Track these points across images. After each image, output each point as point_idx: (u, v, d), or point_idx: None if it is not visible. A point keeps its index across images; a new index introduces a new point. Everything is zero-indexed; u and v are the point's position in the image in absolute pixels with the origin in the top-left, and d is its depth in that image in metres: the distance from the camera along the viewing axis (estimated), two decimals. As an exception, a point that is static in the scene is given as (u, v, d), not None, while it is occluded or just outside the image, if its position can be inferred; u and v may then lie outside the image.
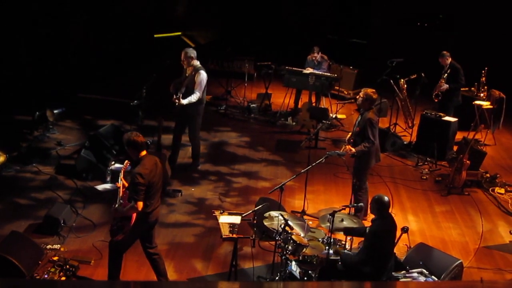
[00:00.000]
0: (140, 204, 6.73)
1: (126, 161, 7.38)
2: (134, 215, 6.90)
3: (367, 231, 7.11)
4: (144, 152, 6.89)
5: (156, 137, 9.67)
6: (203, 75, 9.75)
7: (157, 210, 7.07)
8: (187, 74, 9.86)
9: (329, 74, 13.07)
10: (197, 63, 9.82)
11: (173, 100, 9.63)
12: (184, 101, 9.62)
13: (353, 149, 8.65)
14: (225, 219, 7.40)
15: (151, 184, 6.80)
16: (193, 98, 9.70)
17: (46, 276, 7.31)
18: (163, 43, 17.23)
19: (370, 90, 8.70)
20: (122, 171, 7.25)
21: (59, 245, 8.00)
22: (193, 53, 9.79)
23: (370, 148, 8.62)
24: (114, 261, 7.06)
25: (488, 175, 10.70)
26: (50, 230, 8.27)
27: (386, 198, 7.03)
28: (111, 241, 7.07)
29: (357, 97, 8.92)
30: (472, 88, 12.84)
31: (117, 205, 7.02)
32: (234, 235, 7.18)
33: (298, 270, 7.04)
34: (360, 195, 8.80)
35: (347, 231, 7.43)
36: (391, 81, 11.99)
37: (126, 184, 7.15)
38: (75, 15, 14.88)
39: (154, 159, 7.01)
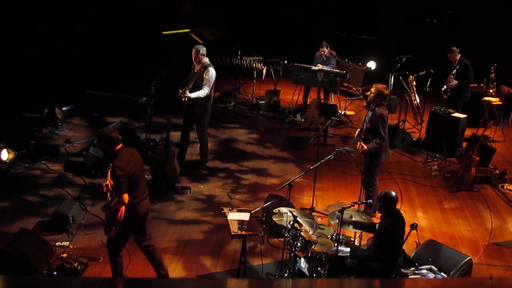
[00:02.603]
0: (126, 196, 6.72)
1: None
2: (123, 208, 6.88)
3: (377, 227, 7.10)
4: (119, 146, 6.89)
5: (165, 134, 9.68)
6: (212, 72, 9.77)
7: (146, 201, 7.05)
8: (195, 71, 9.88)
9: (337, 70, 13.04)
10: (206, 59, 9.85)
11: (179, 94, 9.65)
12: (192, 94, 9.64)
13: (365, 146, 8.64)
14: (234, 216, 7.42)
15: (131, 174, 6.79)
16: (201, 93, 9.72)
17: (55, 273, 7.32)
18: (172, 40, 17.23)
19: (381, 86, 8.69)
20: (108, 172, 7.14)
21: (68, 242, 8.03)
22: (203, 50, 9.82)
23: (381, 144, 8.62)
24: (114, 259, 7.07)
25: (497, 171, 10.66)
26: (59, 227, 8.30)
27: (393, 193, 7.01)
28: (107, 239, 7.07)
29: (368, 93, 8.87)
30: (481, 85, 12.79)
31: (107, 202, 7.00)
32: (243, 232, 7.20)
33: (307, 267, 7.03)
34: (371, 191, 8.78)
35: (357, 225, 7.41)
36: (400, 77, 11.96)
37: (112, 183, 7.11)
38: (83, 12, 14.91)
39: (130, 150, 7.01)
